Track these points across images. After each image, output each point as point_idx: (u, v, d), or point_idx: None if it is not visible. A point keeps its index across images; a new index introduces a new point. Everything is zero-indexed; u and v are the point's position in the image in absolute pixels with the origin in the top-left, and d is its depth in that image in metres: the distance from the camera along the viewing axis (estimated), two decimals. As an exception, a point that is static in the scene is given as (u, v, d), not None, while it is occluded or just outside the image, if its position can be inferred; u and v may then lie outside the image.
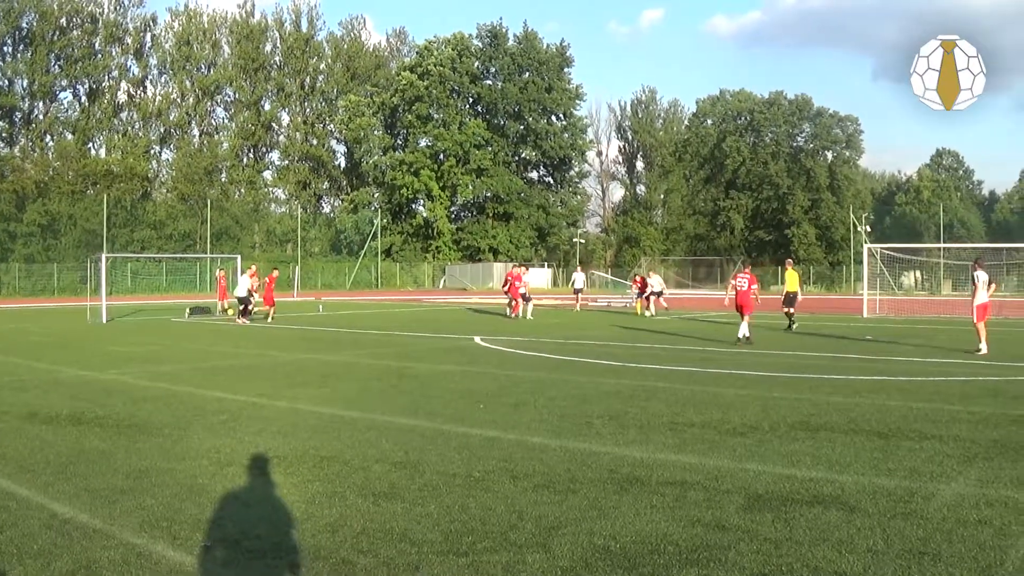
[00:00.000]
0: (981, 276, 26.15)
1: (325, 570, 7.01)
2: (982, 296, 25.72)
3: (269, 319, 41.73)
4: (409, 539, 7.66)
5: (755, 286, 30.14)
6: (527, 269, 52.54)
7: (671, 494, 9.07)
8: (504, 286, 46.69)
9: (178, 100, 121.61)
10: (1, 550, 7.45)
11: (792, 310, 35.70)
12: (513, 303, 44.78)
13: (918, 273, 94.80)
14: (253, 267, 43.77)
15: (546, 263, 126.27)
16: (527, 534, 7.76)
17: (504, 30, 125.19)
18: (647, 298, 48.97)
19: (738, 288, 29.55)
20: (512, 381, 18.81)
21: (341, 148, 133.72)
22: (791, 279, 36.46)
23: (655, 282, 50.56)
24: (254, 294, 41.13)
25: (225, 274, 49.79)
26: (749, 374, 19.93)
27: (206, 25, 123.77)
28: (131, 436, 12.63)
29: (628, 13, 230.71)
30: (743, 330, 28.62)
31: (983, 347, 24.85)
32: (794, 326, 34.97)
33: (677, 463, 10.52)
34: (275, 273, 43.90)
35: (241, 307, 40.55)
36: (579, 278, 57.63)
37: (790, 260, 38.87)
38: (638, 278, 54.10)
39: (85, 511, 8.66)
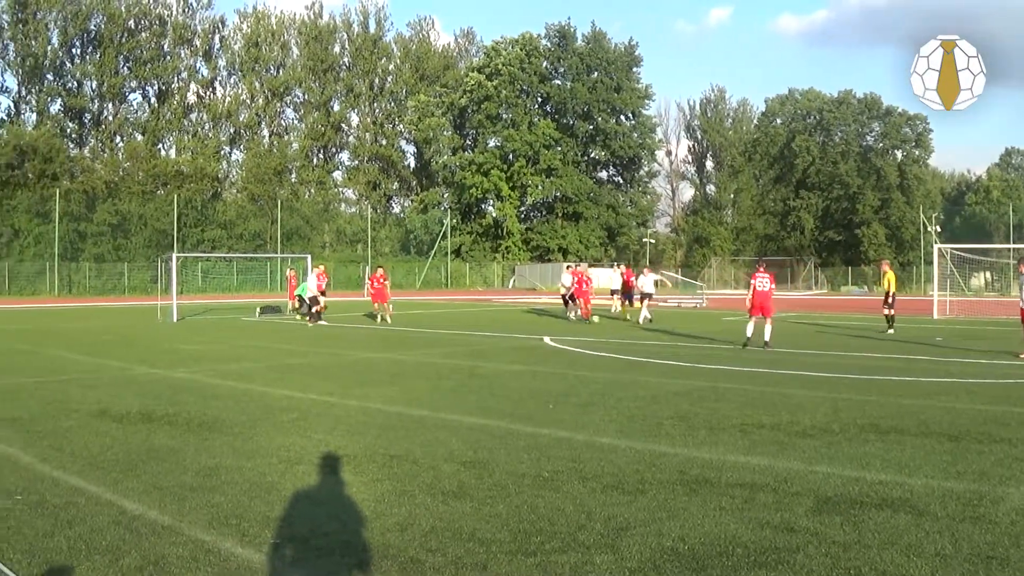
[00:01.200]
0: None
1: (393, 568, 7.03)
2: None
3: (380, 319, 40.69)
4: (477, 538, 7.69)
5: (772, 285, 29.26)
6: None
7: (740, 496, 9.04)
8: (570, 287, 42.96)
9: (247, 101, 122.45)
10: (70, 546, 7.53)
11: (892, 312, 34.47)
12: (580, 304, 42.30)
13: (988, 274, 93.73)
14: (321, 267, 43.71)
15: (615, 263, 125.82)
16: (596, 535, 7.76)
17: (572, 30, 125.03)
18: (640, 300, 43.53)
19: (759, 288, 28.22)
20: (581, 381, 18.79)
21: (411, 148, 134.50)
22: (890, 279, 35.39)
23: (646, 282, 44.32)
24: (320, 294, 41.08)
25: (296, 273, 50.01)
26: (818, 375, 19.82)
27: (274, 27, 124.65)
28: (201, 434, 12.76)
29: (695, 12, 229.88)
30: (767, 334, 27.46)
31: None
32: (890, 331, 33.56)
33: (746, 465, 10.48)
34: (379, 271, 42.77)
35: (309, 308, 39.95)
36: (647, 281, 53.59)
37: (887, 260, 38.19)
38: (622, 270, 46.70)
39: (154, 508, 8.75)
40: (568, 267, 46.18)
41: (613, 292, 47.64)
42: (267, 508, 8.73)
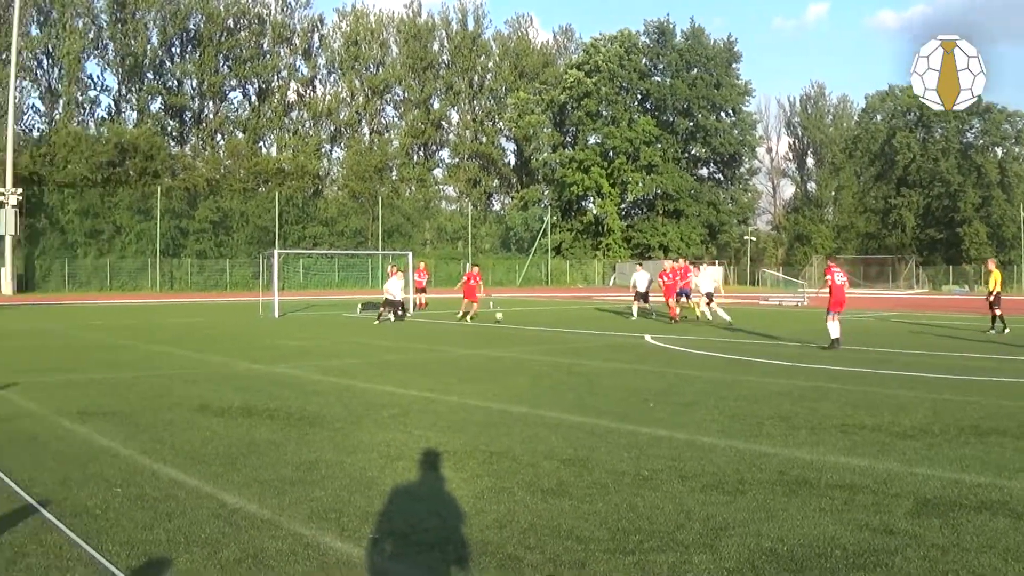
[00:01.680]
0: None
1: (492, 565, 7.08)
2: None
3: (462, 315, 40.07)
4: (576, 536, 7.72)
5: (846, 279, 28.35)
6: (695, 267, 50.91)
7: (840, 497, 9.01)
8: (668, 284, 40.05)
9: (347, 99, 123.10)
10: (169, 538, 7.65)
11: (999, 311, 33.47)
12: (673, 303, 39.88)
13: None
14: (422, 264, 43.77)
15: (717, 261, 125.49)
16: (694, 534, 7.78)
17: (671, 26, 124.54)
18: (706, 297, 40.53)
19: (839, 283, 27.14)
20: (682, 380, 18.76)
21: (511, 146, 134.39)
22: (996, 278, 34.53)
23: (705, 281, 41.06)
24: (421, 291, 41.04)
25: (398, 269, 50.28)
26: (920, 375, 19.61)
27: (373, 25, 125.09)
28: (302, 428, 12.91)
29: (794, 8, 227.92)
30: (836, 330, 26.38)
31: None
32: (1006, 330, 32.64)
33: (847, 466, 10.42)
34: (475, 269, 42.76)
35: (397, 309, 39.40)
36: (705, 280, 50.63)
37: (993, 259, 37.46)
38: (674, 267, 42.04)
39: (254, 501, 8.89)
40: (640, 264, 45.62)
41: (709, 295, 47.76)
42: (367, 503, 8.83)
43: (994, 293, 33.47)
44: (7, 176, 76.89)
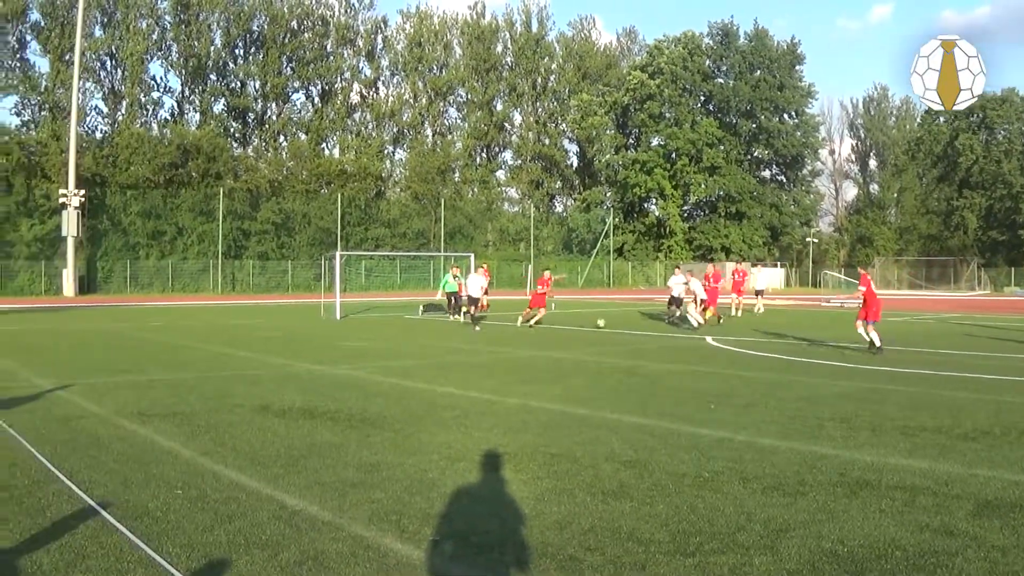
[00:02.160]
0: None
1: (552, 567, 7.12)
2: None
3: (522, 322, 37.86)
4: (636, 538, 7.76)
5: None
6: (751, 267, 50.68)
7: (900, 499, 9.01)
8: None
9: (411, 101, 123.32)
10: (229, 540, 7.73)
11: None
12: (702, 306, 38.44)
13: None
14: (484, 265, 43.65)
15: (779, 263, 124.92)
16: (755, 536, 7.81)
17: (735, 28, 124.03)
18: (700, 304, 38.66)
19: (872, 292, 26.36)
20: (742, 382, 18.74)
21: (573, 147, 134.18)
22: None
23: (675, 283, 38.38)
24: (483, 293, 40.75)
25: (460, 271, 50.38)
26: (982, 377, 19.51)
27: (437, 27, 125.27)
28: (362, 430, 12.97)
29: (857, 9, 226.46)
30: (875, 336, 25.38)
31: None
32: None
33: (907, 467, 10.41)
34: (546, 274, 40.00)
35: (457, 305, 38.53)
36: (761, 278, 49.36)
37: None
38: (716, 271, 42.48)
39: (315, 503, 8.95)
40: (678, 267, 43.07)
41: (758, 292, 48.49)
42: (427, 505, 8.87)
43: None
44: (70, 177, 77.56)
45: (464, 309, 40.08)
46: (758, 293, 48.19)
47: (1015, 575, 6.80)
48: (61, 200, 76.68)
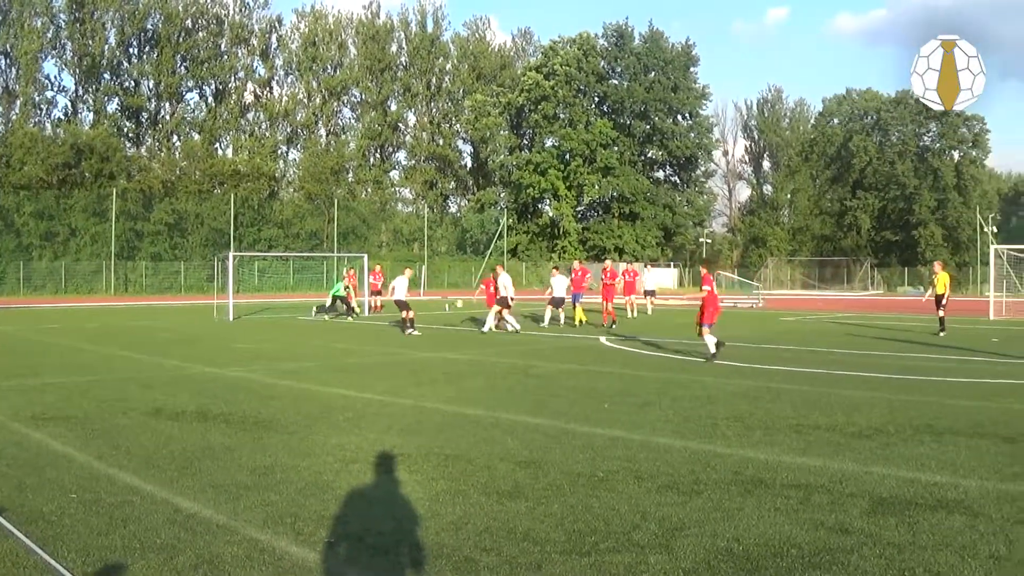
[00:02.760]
0: None
1: (448, 568, 7.08)
2: None
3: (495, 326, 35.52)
4: (532, 538, 7.73)
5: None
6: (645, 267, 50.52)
7: (795, 497, 9.06)
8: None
9: (305, 101, 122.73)
10: (125, 544, 7.63)
11: (943, 313, 33.43)
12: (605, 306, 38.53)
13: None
14: (378, 267, 43.38)
15: (672, 263, 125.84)
16: (650, 535, 7.79)
17: (630, 29, 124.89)
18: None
19: (714, 294, 24.93)
20: (637, 381, 18.82)
21: (467, 148, 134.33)
22: (944, 280, 34.42)
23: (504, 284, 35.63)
24: (375, 294, 40.16)
25: (355, 272, 50.16)
26: (874, 376, 19.74)
27: (332, 26, 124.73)
28: (256, 433, 12.89)
29: (753, 12, 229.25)
30: (712, 342, 23.82)
31: None
32: (943, 332, 32.55)
33: (802, 466, 10.49)
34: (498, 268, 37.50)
35: (406, 312, 35.90)
36: (650, 279, 50.87)
37: (940, 262, 37.39)
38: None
39: (209, 506, 8.86)
40: (556, 268, 41.29)
41: (647, 293, 49.06)
42: (322, 507, 8.83)
43: (947, 296, 33.58)
44: (-37, 178, 76.52)
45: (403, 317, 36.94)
46: (647, 294, 48.32)
47: (911, 571, 6.82)
48: (-48, 200, 75.65)
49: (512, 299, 35.14)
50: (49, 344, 29.80)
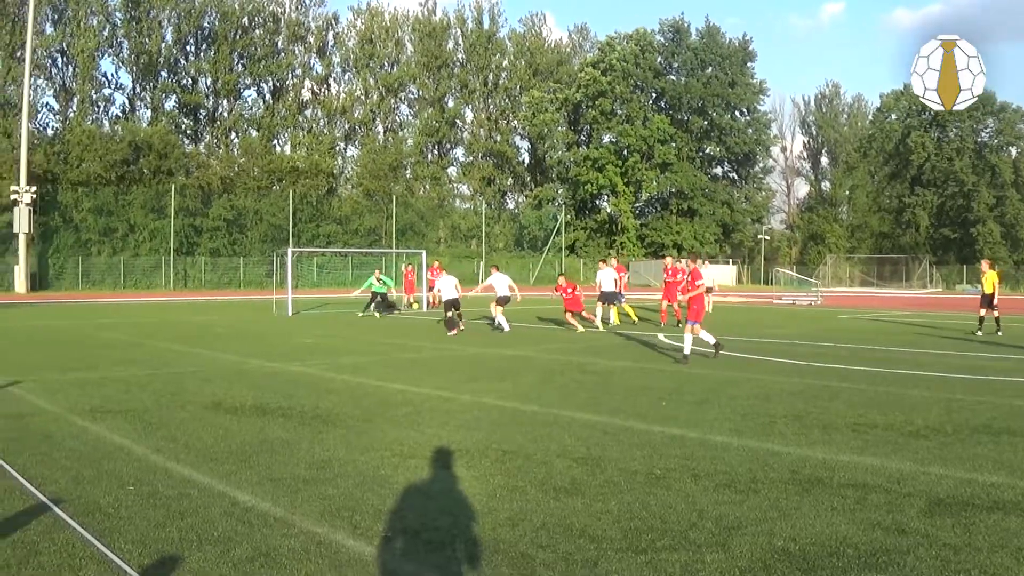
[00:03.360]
0: None
1: (504, 564, 7.10)
2: None
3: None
4: (588, 535, 7.74)
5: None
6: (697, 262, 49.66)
7: (852, 496, 9.03)
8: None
9: (362, 97, 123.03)
10: (181, 536, 7.69)
11: (985, 312, 32.71)
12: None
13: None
14: (436, 263, 43.44)
15: (730, 260, 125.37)
16: (707, 533, 7.78)
17: (686, 25, 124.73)
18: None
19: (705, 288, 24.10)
20: (694, 378, 18.75)
21: (525, 144, 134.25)
22: (992, 279, 33.38)
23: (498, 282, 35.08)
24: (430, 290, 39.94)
25: (413, 269, 50.26)
26: (932, 375, 19.57)
27: (388, 23, 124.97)
28: (315, 427, 12.95)
29: (809, 6, 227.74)
30: (689, 343, 22.77)
31: None
32: (979, 332, 32.09)
33: (859, 465, 10.44)
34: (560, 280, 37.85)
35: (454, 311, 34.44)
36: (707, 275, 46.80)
37: (988, 260, 36.80)
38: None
39: (267, 499, 8.92)
40: (603, 262, 40.18)
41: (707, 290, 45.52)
42: (379, 501, 8.86)
43: (996, 295, 33.15)
44: (21, 174, 77.08)
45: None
46: (707, 291, 46.98)
47: (966, 573, 6.79)
48: (12, 197, 76.13)
49: (503, 298, 34.37)
50: (108, 339, 29.98)
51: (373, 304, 42.60)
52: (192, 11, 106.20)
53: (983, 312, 32.72)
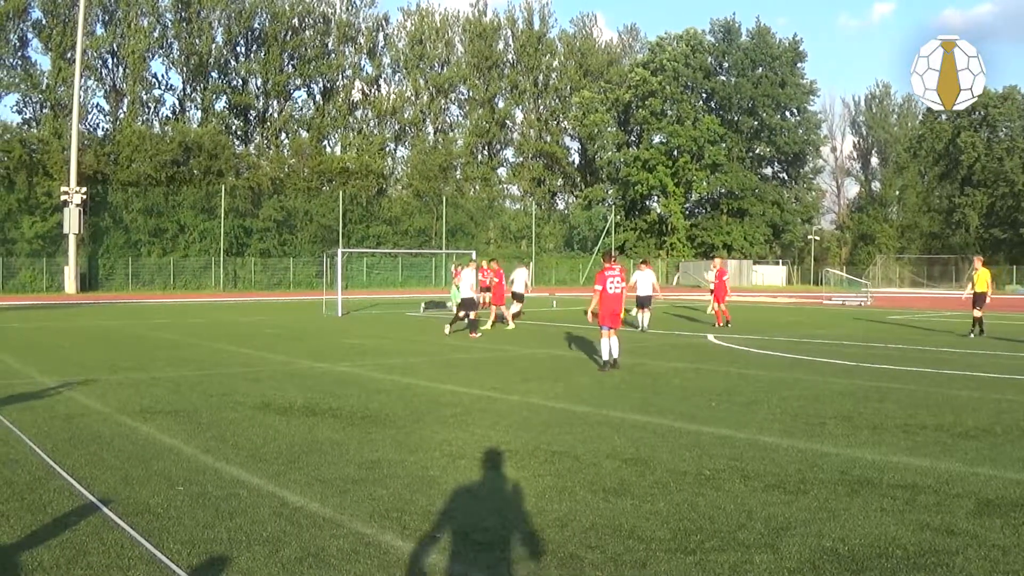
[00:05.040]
0: None
1: (552, 564, 7.13)
2: None
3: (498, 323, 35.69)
4: (637, 536, 7.77)
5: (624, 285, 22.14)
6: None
7: (901, 497, 9.03)
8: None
9: (412, 98, 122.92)
10: (230, 536, 7.76)
11: (979, 313, 32.14)
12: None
13: None
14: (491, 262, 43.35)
15: (780, 260, 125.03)
16: (756, 534, 7.80)
17: (737, 25, 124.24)
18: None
19: (611, 291, 21.30)
20: (744, 379, 18.76)
21: (575, 145, 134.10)
22: (982, 278, 32.99)
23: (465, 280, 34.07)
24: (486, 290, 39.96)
25: (461, 269, 50.32)
26: (983, 376, 19.51)
27: (438, 24, 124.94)
28: (364, 427, 13.05)
29: (859, 7, 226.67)
30: (615, 348, 21.18)
31: None
32: (973, 333, 31.66)
33: (908, 466, 10.43)
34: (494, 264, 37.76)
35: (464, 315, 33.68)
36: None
37: (980, 257, 36.15)
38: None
39: (316, 500, 8.98)
40: (643, 263, 37.53)
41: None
42: (428, 502, 8.91)
43: (988, 295, 32.39)
44: (71, 175, 77.70)
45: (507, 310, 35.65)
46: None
47: (1015, 574, 6.80)
48: (63, 197, 76.74)
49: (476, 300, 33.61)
50: (158, 339, 30.24)
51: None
52: (243, 12, 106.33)
53: (977, 312, 32.13)
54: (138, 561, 7.15)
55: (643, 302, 33.76)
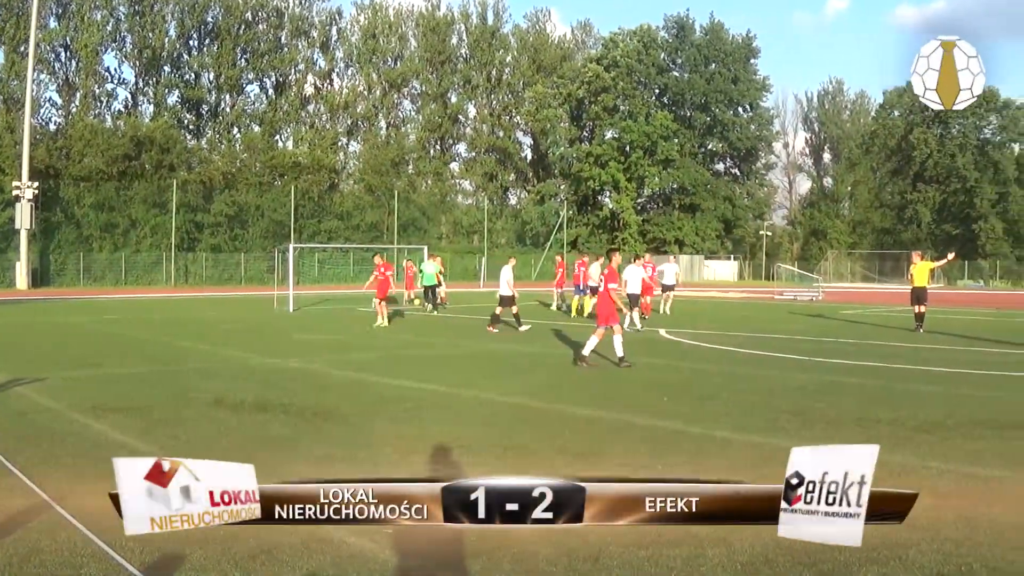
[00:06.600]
0: None
1: (506, 559, 7.19)
2: None
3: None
4: (590, 530, 7.71)
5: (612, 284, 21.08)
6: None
7: (855, 491, 9.01)
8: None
9: (365, 93, 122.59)
10: (184, 534, 7.52)
11: (921, 309, 31.63)
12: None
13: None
14: (438, 257, 43.29)
15: (732, 256, 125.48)
16: (708, 528, 7.76)
17: (690, 21, 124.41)
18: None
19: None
20: (697, 374, 18.83)
21: (527, 140, 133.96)
22: (921, 273, 32.46)
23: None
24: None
25: (413, 264, 50.27)
26: (936, 370, 19.65)
27: (392, 18, 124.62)
28: (316, 423, 13.04)
29: (813, 3, 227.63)
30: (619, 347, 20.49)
31: None
32: (921, 329, 31.03)
33: (861, 460, 10.42)
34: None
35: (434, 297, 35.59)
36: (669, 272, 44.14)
37: (919, 252, 35.98)
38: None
39: (268, 496, 8.87)
40: (636, 257, 39.18)
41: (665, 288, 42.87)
42: (382, 497, 8.80)
43: (922, 288, 32.07)
44: (23, 170, 77.04)
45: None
46: (665, 289, 43.53)
47: (967, 567, 6.85)
48: (14, 192, 76.14)
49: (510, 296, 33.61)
50: (110, 335, 30.09)
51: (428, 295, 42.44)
52: (196, 5, 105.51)
53: (918, 309, 31.70)
54: (91, 559, 7.13)
55: (634, 301, 32.49)
